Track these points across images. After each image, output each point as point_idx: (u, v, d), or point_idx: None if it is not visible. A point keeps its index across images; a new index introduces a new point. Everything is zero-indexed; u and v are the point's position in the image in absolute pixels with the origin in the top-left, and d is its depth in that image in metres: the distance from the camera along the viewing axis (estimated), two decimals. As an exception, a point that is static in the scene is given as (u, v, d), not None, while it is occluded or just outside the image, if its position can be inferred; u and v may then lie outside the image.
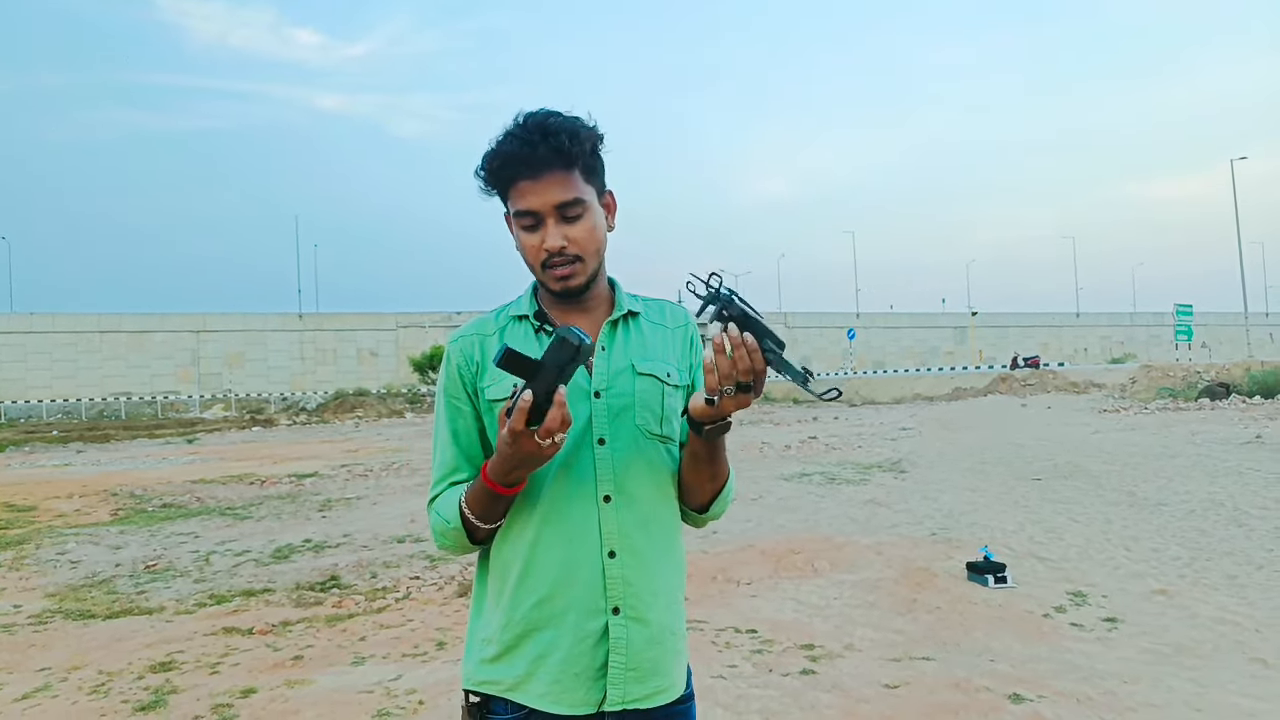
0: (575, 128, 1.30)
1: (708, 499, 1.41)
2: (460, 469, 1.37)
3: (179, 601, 5.68)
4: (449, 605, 5.33)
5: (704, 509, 1.42)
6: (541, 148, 1.28)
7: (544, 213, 1.31)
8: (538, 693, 1.29)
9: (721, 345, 1.17)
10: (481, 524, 1.30)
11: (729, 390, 1.18)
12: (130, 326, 53.10)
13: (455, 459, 1.38)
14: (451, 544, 1.34)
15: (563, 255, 1.32)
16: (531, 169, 1.29)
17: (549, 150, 1.29)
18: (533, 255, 1.33)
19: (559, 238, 1.31)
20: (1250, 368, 24.85)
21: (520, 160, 1.29)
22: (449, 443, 1.38)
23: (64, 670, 4.30)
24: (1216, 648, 4.10)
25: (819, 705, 3.52)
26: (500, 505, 1.29)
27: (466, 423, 1.38)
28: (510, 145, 1.30)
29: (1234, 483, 8.85)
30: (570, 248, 1.32)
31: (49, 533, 8.64)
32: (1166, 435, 13.93)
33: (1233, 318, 62.38)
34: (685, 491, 1.40)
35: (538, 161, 1.29)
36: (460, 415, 1.38)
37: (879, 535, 6.90)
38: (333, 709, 3.66)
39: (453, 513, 1.32)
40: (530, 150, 1.28)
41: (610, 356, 1.37)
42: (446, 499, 1.35)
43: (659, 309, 1.47)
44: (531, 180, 1.30)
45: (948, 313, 72.63)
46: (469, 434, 1.38)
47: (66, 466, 17.11)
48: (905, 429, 17.94)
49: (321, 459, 16.33)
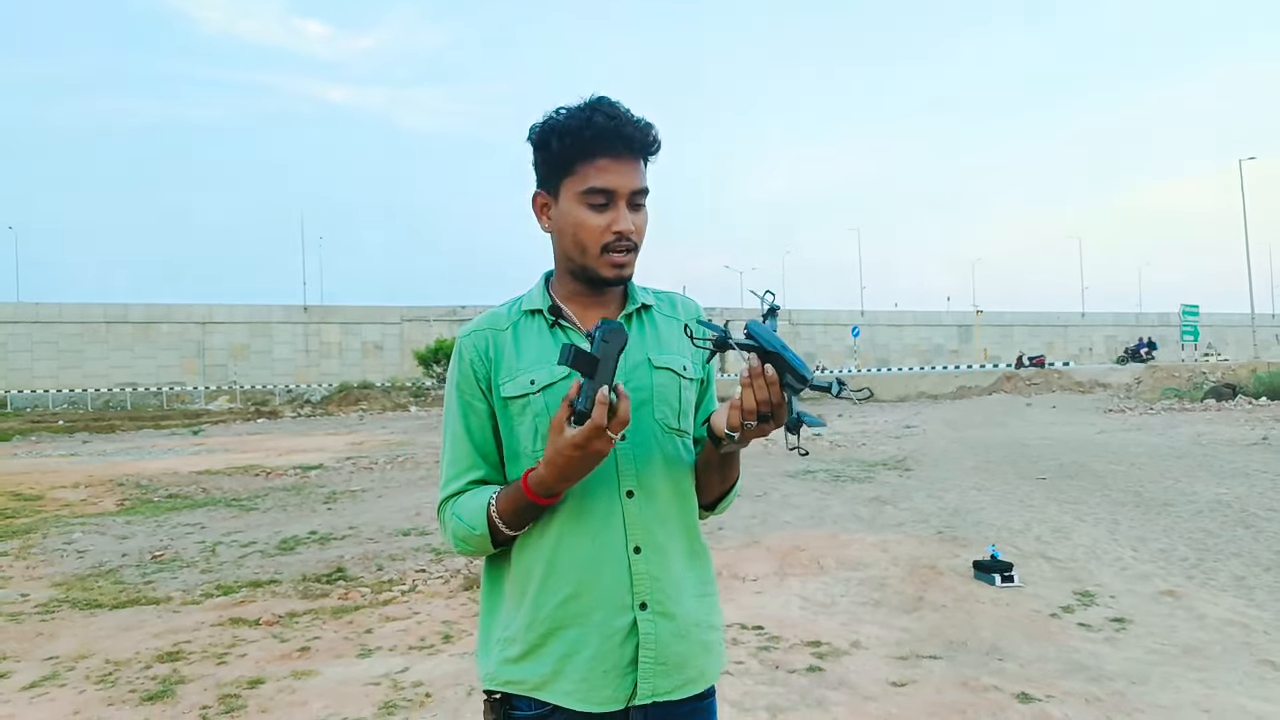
0: (652, 124, 1.32)
1: (715, 498, 1.42)
2: (476, 466, 1.35)
3: (186, 592, 5.69)
4: (455, 598, 5.34)
5: (711, 507, 1.44)
6: (633, 130, 1.28)
7: (620, 194, 1.29)
8: (565, 690, 1.27)
9: (748, 382, 1.17)
10: (512, 533, 1.30)
11: (750, 425, 1.19)
12: (136, 317, 53.20)
13: (470, 456, 1.35)
14: (473, 550, 1.33)
15: (628, 241, 1.31)
16: (619, 149, 1.28)
17: (640, 135, 1.29)
18: (595, 236, 1.30)
19: (630, 222, 1.30)
20: (1257, 369, 24.75)
21: (612, 136, 1.27)
22: (462, 439, 1.36)
23: (71, 659, 4.31)
24: (1225, 649, 4.08)
25: (826, 703, 3.52)
26: (536, 514, 1.29)
27: (480, 419, 1.35)
28: (602, 120, 1.27)
29: (1241, 484, 8.82)
30: (634, 235, 1.32)
31: (55, 522, 8.67)
32: (1172, 436, 13.89)
33: (1239, 318, 62.15)
34: (695, 489, 1.41)
35: (628, 142, 1.28)
36: (473, 412, 1.35)
37: (885, 533, 6.89)
38: (340, 700, 3.67)
39: (479, 520, 1.29)
40: (624, 130, 1.28)
41: (627, 351, 1.35)
42: (468, 504, 1.32)
43: (670, 302, 1.45)
44: (614, 159, 1.28)
45: (952, 311, 72.44)
46: (483, 431, 1.36)
47: (72, 456, 17.15)
48: (910, 427, 17.91)
49: (326, 451, 16.36)
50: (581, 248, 1.31)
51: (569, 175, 1.30)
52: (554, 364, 1.32)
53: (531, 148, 1.35)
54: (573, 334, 1.35)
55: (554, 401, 1.30)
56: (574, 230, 1.31)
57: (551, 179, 1.33)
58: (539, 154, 1.34)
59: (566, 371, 1.30)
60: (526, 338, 1.35)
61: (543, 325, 1.36)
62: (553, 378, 1.31)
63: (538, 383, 1.31)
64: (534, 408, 1.31)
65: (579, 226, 1.30)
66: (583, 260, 1.32)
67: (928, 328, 69.90)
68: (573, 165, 1.29)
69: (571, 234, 1.32)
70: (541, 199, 1.36)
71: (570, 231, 1.32)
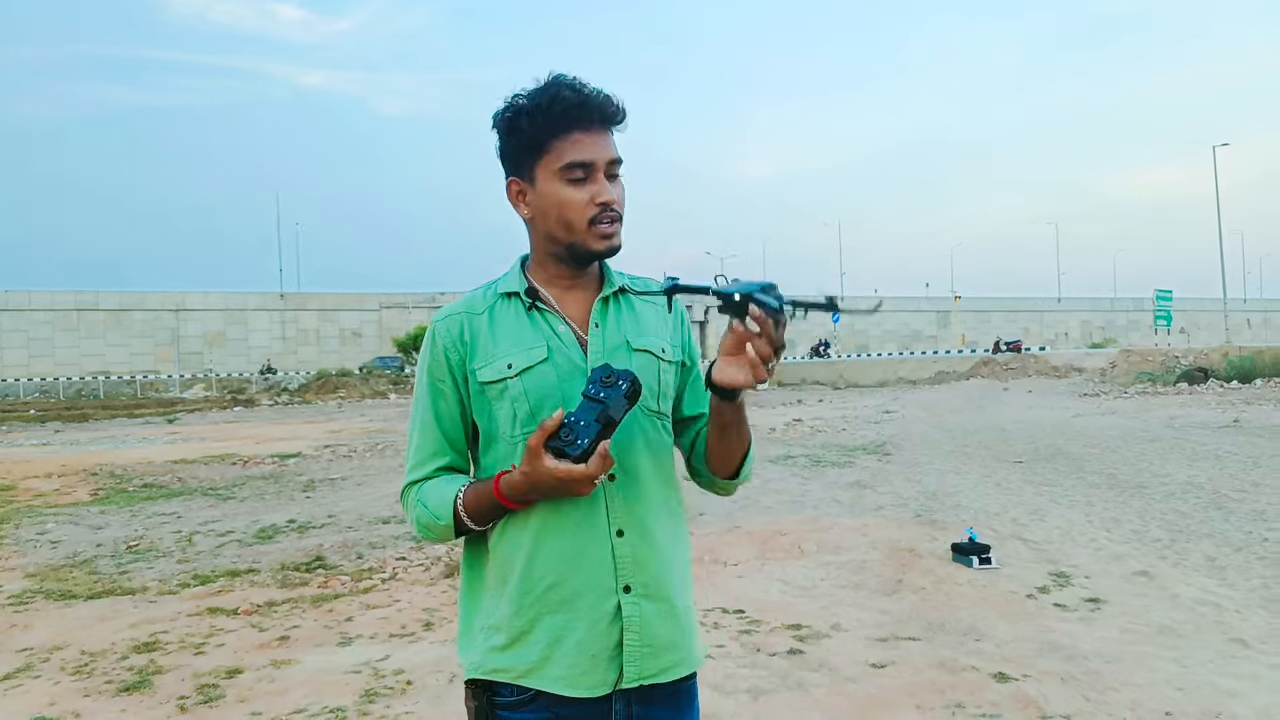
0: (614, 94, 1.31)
1: (739, 460, 1.37)
2: (442, 453, 1.34)
3: (162, 582, 5.63)
4: (436, 586, 5.32)
5: (736, 473, 1.39)
6: (600, 101, 1.27)
7: (598, 165, 1.27)
8: (554, 676, 1.27)
9: (747, 334, 1.16)
10: (477, 527, 1.29)
11: (773, 366, 1.18)
12: (108, 305, 52.46)
13: (437, 442, 1.34)
14: (435, 537, 1.32)
15: (614, 211, 1.29)
16: (590, 120, 1.27)
17: (607, 105, 1.27)
18: (579, 211, 1.27)
19: (610, 192, 1.28)
20: (1228, 353, 25.15)
21: (581, 109, 1.26)
22: (431, 424, 1.34)
23: (46, 651, 4.25)
24: (1197, 628, 4.15)
25: (807, 684, 3.55)
26: (502, 514, 1.28)
27: (449, 405, 1.34)
28: (569, 94, 1.25)
29: (1213, 466, 8.97)
30: (617, 205, 1.30)
31: (28, 512, 8.54)
32: (1146, 419, 14.10)
33: (1212, 303, 63.05)
34: (718, 461, 1.36)
35: (597, 113, 1.27)
36: (443, 397, 1.34)
37: (864, 517, 6.95)
38: (320, 689, 3.65)
39: (445, 511, 1.28)
40: (591, 101, 1.26)
41: (605, 334, 1.34)
42: (434, 493, 1.30)
43: (646, 285, 1.43)
44: (586, 132, 1.27)
45: (930, 297, 72.98)
46: (451, 417, 1.34)
47: (45, 446, 16.91)
48: (889, 412, 18.05)
49: (304, 439, 16.23)
50: (568, 225, 1.29)
51: (543, 154, 1.28)
52: (531, 347, 1.31)
53: (498, 135, 1.32)
54: (550, 317, 1.33)
55: (531, 386, 1.29)
56: (558, 209, 1.29)
57: (525, 162, 1.30)
58: (508, 140, 1.31)
59: (543, 355, 1.30)
60: (503, 321, 1.33)
61: (519, 308, 1.34)
62: (530, 361, 1.30)
63: (515, 366, 1.30)
64: (511, 392, 1.29)
65: (563, 205, 1.28)
66: (569, 238, 1.30)
67: (906, 314, 70.37)
68: (546, 143, 1.27)
69: (556, 213, 1.29)
70: (517, 186, 1.33)
71: (554, 211, 1.29)
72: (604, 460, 1.16)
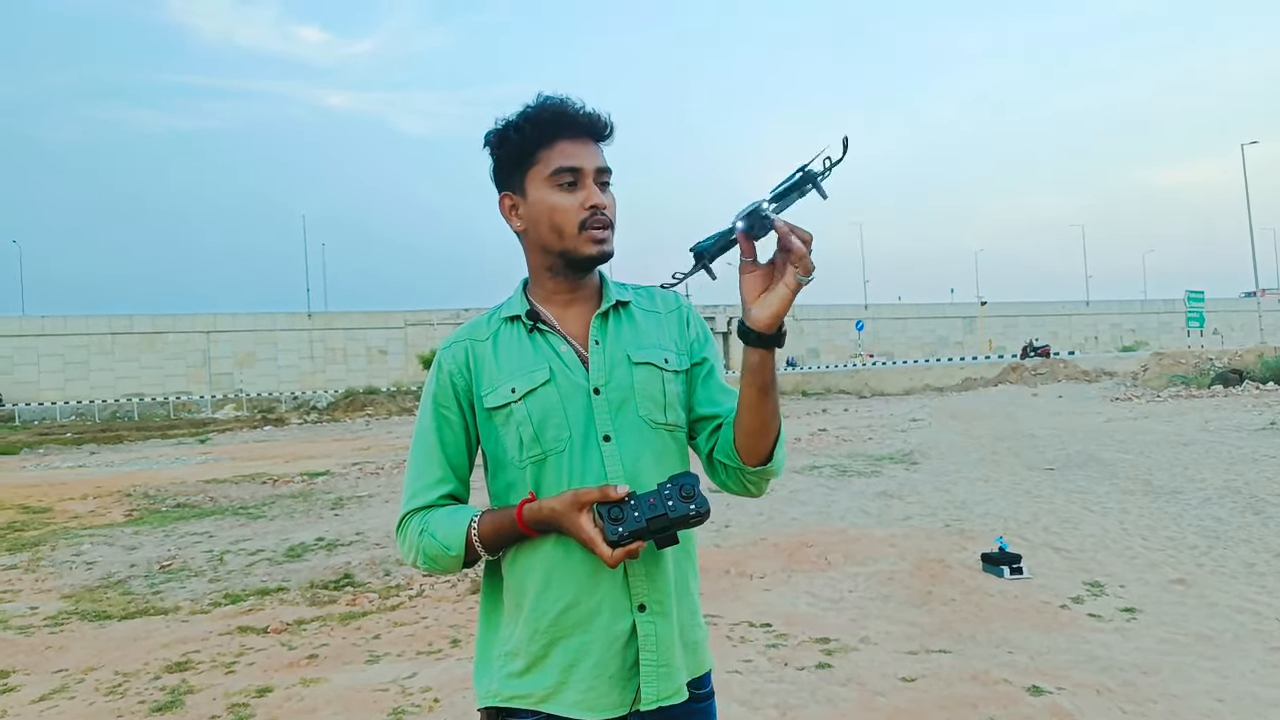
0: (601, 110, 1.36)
1: (772, 441, 1.30)
2: (445, 480, 1.34)
3: (194, 601, 5.70)
4: (462, 602, 5.34)
5: (769, 457, 1.30)
6: (586, 113, 1.32)
7: (587, 172, 1.31)
8: (571, 701, 1.26)
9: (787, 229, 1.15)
10: (489, 556, 1.30)
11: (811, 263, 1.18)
12: (141, 328, 53.45)
13: (440, 469, 1.34)
14: (439, 569, 1.31)
15: (604, 215, 1.31)
16: (576, 130, 1.31)
17: (593, 119, 1.32)
18: (570, 216, 1.30)
19: (600, 197, 1.31)
20: (1263, 354, 24.64)
21: (567, 119, 1.30)
22: (434, 451, 1.34)
23: (80, 671, 4.31)
24: (1236, 637, 4.06)
25: (836, 699, 3.50)
26: (519, 540, 1.29)
27: (454, 433, 1.35)
28: (555, 105, 1.30)
29: (1250, 469, 8.77)
30: (608, 210, 1.32)
31: (64, 534, 8.69)
32: (1180, 423, 13.83)
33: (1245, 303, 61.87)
34: (751, 440, 1.28)
35: (583, 124, 1.31)
36: (448, 424, 1.35)
37: (892, 527, 6.87)
38: (348, 707, 3.67)
39: (456, 542, 1.27)
40: (576, 113, 1.31)
41: (605, 349, 1.34)
42: (444, 524, 1.29)
43: (649, 295, 1.44)
44: (573, 141, 1.31)
45: (956, 303, 72.36)
46: (456, 444, 1.35)
47: (80, 468, 17.21)
48: (916, 420, 17.86)
49: (333, 457, 16.38)
50: (559, 231, 1.31)
51: (532, 165, 1.31)
52: (533, 370, 1.32)
53: (489, 153, 1.36)
54: (552, 338, 1.34)
55: (534, 409, 1.29)
56: (549, 215, 1.31)
57: (515, 175, 1.34)
58: (498, 154, 1.35)
59: (545, 377, 1.31)
60: (506, 345, 1.34)
61: (521, 332, 1.35)
62: (532, 384, 1.30)
63: (518, 390, 1.30)
64: (516, 416, 1.30)
65: (553, 210, 1.30)
66: (561, 245, 1.32)
67: (932, 320, 69.80)
68: (534, 153, 1.31)
69: (547, 220, 1.31)
70: (509, 200, 1.36)
71: (545, 218, 1.31)
72: (628, 555, 1.18)
